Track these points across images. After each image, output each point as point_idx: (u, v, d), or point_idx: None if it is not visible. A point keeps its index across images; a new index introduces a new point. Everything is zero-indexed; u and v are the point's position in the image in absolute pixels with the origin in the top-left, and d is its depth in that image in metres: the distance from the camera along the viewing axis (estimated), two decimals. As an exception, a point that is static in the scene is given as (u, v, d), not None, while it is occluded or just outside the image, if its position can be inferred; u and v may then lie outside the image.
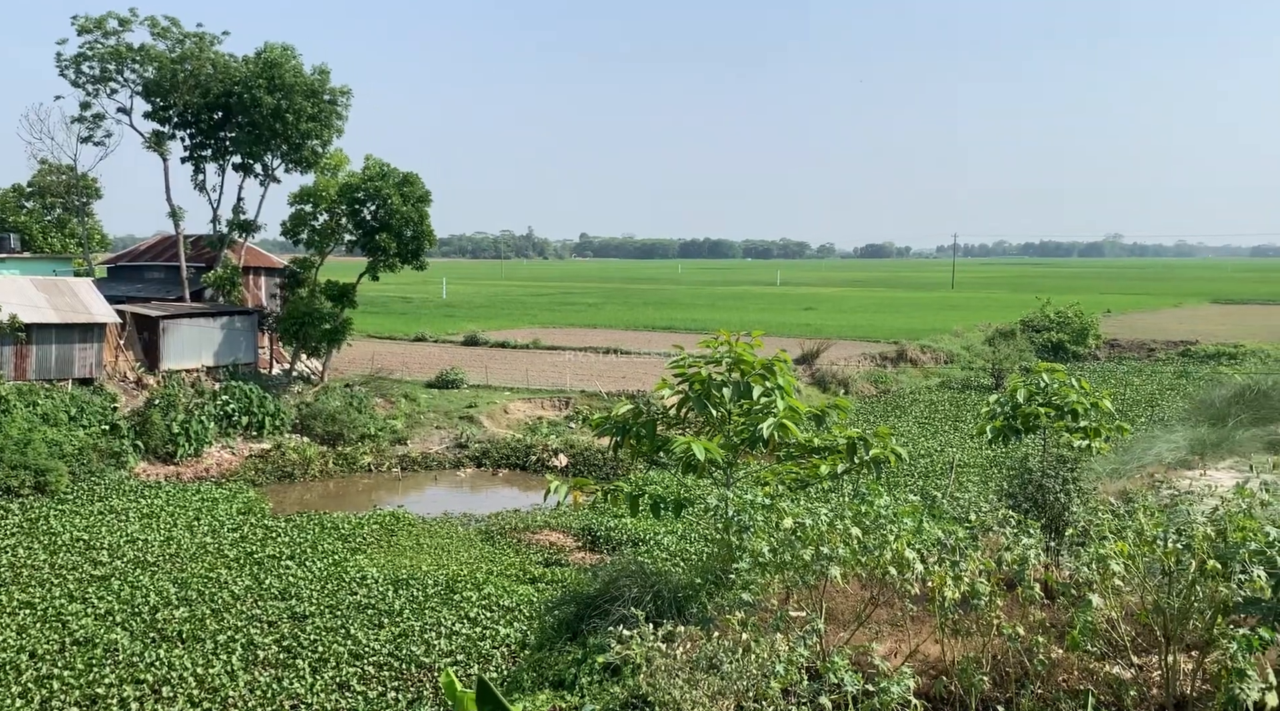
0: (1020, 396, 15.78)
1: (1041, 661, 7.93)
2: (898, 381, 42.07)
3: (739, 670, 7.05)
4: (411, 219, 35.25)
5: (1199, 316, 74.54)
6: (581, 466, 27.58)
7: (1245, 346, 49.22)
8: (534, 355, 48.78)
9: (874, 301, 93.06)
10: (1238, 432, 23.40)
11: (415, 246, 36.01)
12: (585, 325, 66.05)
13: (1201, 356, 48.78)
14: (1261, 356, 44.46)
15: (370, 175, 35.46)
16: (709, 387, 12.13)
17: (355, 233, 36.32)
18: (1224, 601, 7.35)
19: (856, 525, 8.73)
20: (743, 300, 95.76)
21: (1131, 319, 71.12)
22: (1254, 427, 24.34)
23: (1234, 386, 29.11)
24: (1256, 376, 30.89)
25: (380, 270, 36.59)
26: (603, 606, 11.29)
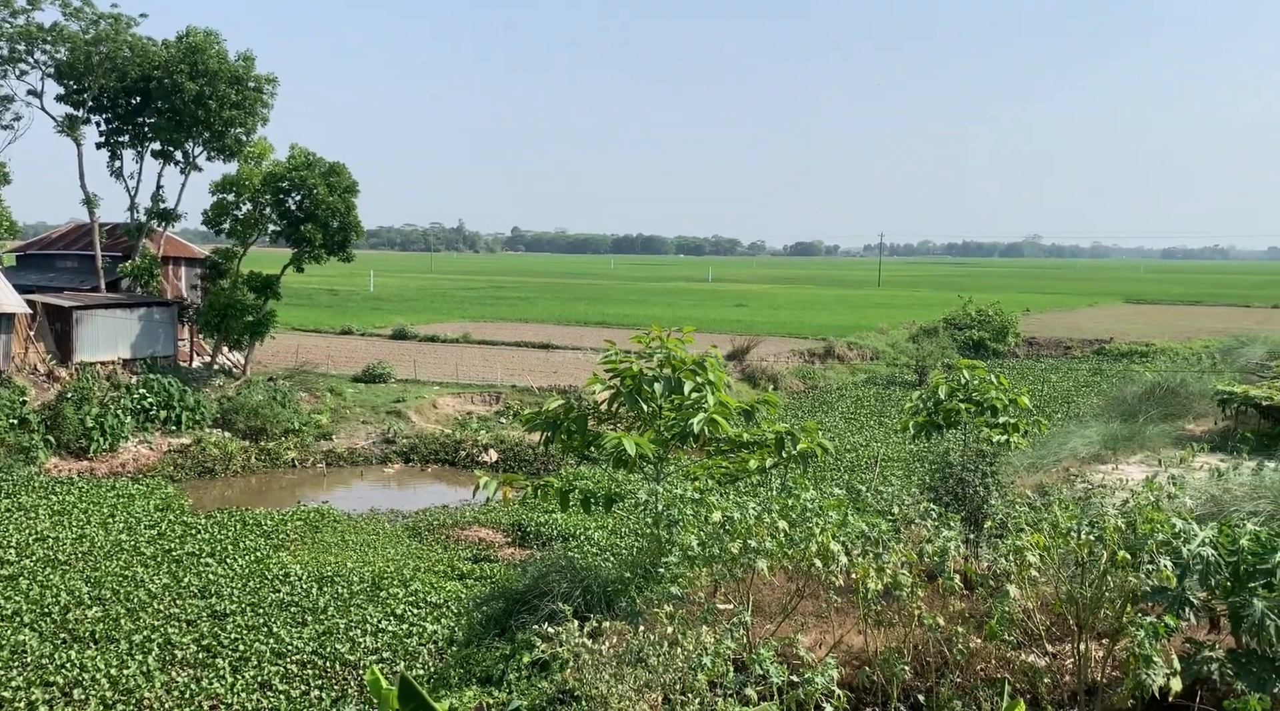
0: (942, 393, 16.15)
1: (961, 651, 8.15)
2: (825, 377, 42.71)
3: (665, 663, 7.09)
4: (338, 210, 34.59)
5: (1113, 316, 77.19)
6: (512, 462, 27.41)
7: (1156, 345, 51.10)
8: (464, 349, 48.32)
9: (803, 299, 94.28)
10: (1148, 428, 24.30)
11: (342, 238, 35.34)
12: (517, 319, 65.62)
13: (1115, 354, 50.50)
14: (1171, 355, 46.21)
15: (295, 164, 34.69)
16: (640, 383, 12.18)
17: (279, 223, 35.49)
18: (1133, 590, 7.64)
19: (783, 518, 8.86)
20: (675, 296, 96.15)
21: (1049, 317, 73.32)
22: (1163, 423, 25.31)
23: (1145, 384, 30.20)
24: (1166, 374, 32.09)
25: (305, 262, 35.81)
26: (532, 602, 11.25)
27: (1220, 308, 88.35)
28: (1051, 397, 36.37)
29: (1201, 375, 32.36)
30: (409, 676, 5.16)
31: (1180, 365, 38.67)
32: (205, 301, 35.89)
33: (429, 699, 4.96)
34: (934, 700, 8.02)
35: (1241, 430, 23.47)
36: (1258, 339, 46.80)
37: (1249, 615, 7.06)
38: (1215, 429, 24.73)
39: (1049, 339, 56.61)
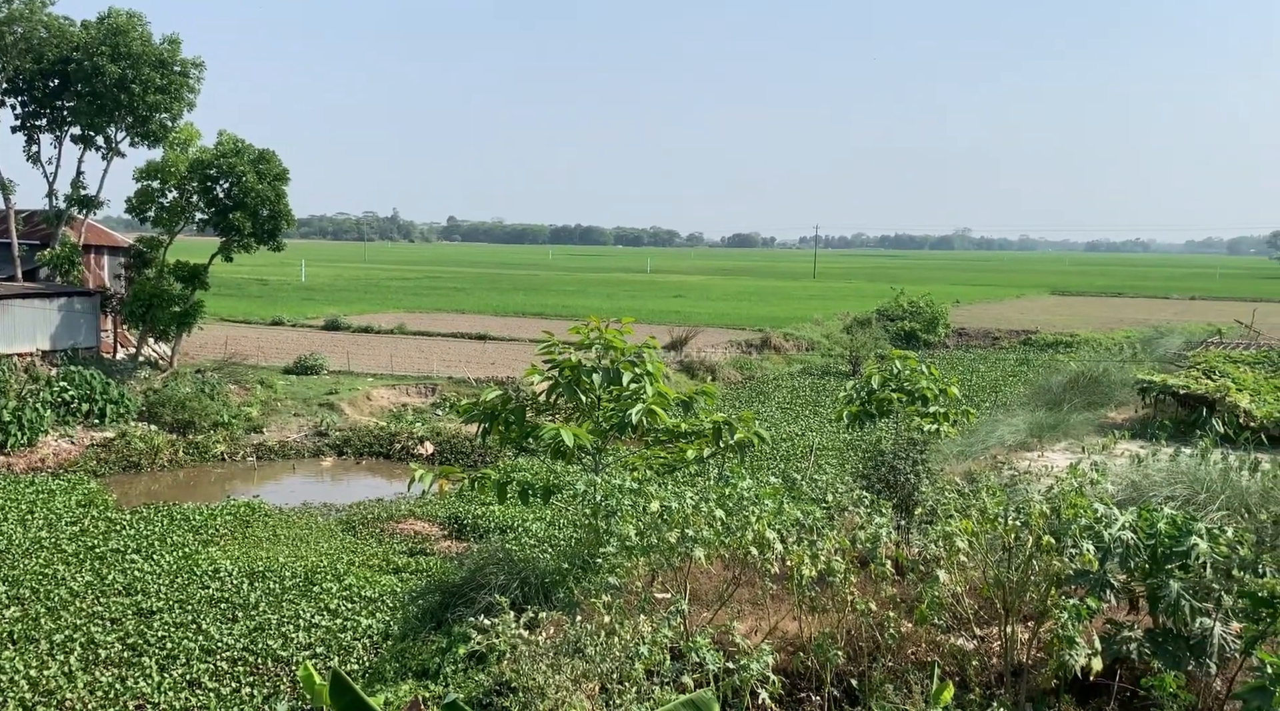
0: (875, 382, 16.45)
1: (892, 635, 8.31)
2: (762, 368, 43.12)
3: (603, 653, 7.11)
4: (268, 198, 33.81)
5: (1039, 307, 79.26)
6: (448, 454, 27.16)
7: (1080, 336, 52.60)
8: (399, 340, 47.69)
9: (740, 290, 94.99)
10: (1072, 416, 24.99)
11: (272, 226, 34.57)
12: (453, 310, 64.97)
13: (1041, 345, 51.86)
14: (1094, 345, 47.60)
15: (224, 151, 33.80)
16: (579, 374, 12.17)
17: (207, 211, 34.56)
18: (1057, 574, 7.87)
19: (720, 507, 8.94)
20: (613, 287, 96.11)
21: (978, 309, 75.01)
22: (1086, 411, 26.06)
23: (1069, 373, 31.02)
24: (1089, 364, 33.04)
25: (234, 251, 34.97)
26: (468, 594, 11.19)
27: (1141, 299, 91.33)
28: (980, 387, 37.22)
29: (1123, 365, 33.38)
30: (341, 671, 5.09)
31: (1103, 355, 39.84)
32: (130, 291, 34.81)
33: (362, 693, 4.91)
34: (866, 684, 8.18)
35: (1160, 418, 24.27)
36: (1175, 330, 48.48)
37: (1166, 596, 7.32)
38: (1136, 417, 25.54)
39: (978, 330, 57.93)
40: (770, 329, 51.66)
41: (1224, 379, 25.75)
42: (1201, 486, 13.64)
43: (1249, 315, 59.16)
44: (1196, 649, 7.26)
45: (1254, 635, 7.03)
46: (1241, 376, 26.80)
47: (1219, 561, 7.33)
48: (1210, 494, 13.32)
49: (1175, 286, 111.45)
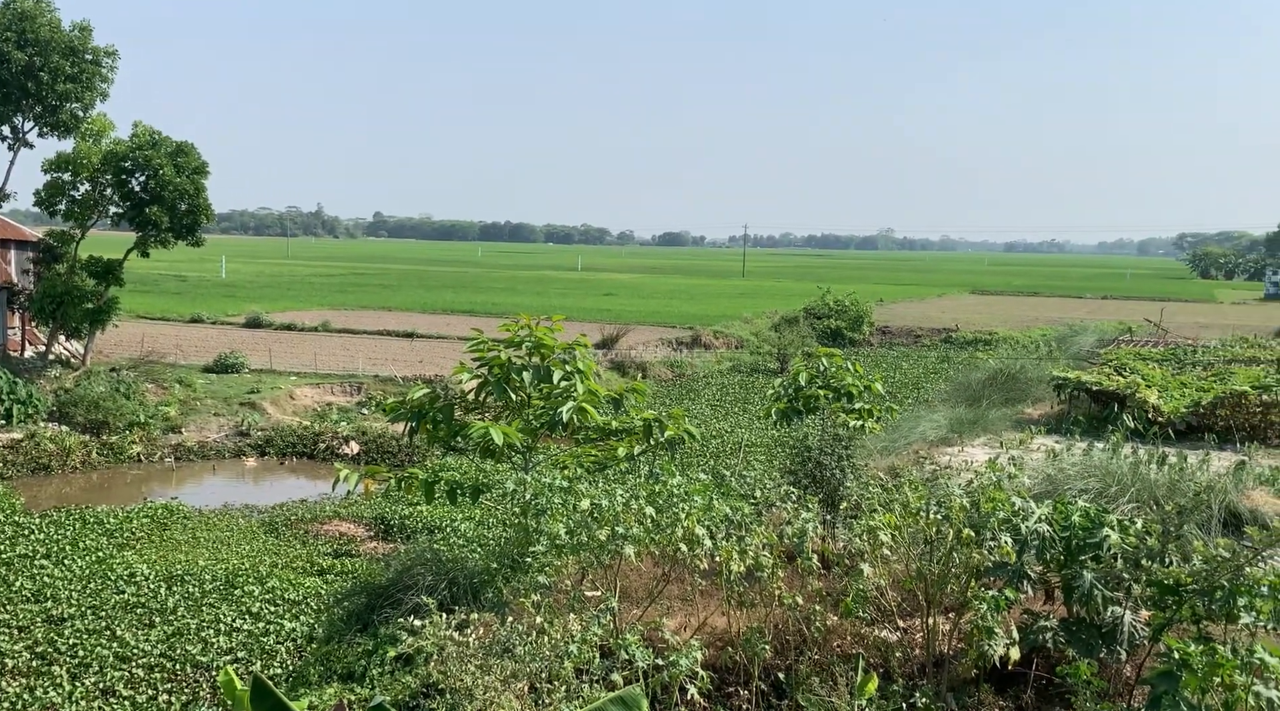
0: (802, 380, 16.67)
1: (818, 628, 8.45)
2: (692, 365, 43.38)
3: (532, 652, 7.08)
4: (186, 192, 32.80)
5: (959, 306, 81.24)
6: (374, 454, 26.73)
7: (998, 334, 54.05)
8: (323, 338, 46.76)
9: (671, 288, 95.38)
10: (991, 412, 25.69)
11: (190, 221, 33.54)
12: (379, 307, 63.95)
13: (961, 342, 53.17)
14: (1012, 343, 48.93)
15: (139, 143, 32.68)
16: (508, 372, 12.08)
17: (121, 205, 33.36)
18: (976, 566, 8.08)
19: (651, 504, 8.96)
20: (544, 285, 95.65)
21: (901, 307, 76.58)
22: (1004, 407, 26.82)
23: (988, 370, 31.88)
24: (1007, 361, 33.98)
25: (151, 246, 33.82)
26: (395, 596, 11.04)
27: (1056, 299, 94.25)
28: (903, 384, 37.99)
29: (1039, 362, 34.41)
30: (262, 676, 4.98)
31: (1020, 353, 41.00)
32: (39, 287, 33.44)
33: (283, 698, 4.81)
34: (793, 677, 8.29)
35: (1074, 413, 25.09)
36: (1089, 328, 50.17)
37: (1079, 586, 7.57)
38: (1051, 412, 26.35)
39: (901, 328, 59.13)
40: (700, 327, 52.01)
41: (1134, 375, 26.74)
42: (1113, 479, 14.17)
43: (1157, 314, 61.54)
44: (1108, 637, 7.53)
45: (1161, 622, 7.32)
46: (1150, 373, 27.87)
47: (1129, 552, 7.61)
48: (1121, 486, 13.85)
49: (1088, 286, 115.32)
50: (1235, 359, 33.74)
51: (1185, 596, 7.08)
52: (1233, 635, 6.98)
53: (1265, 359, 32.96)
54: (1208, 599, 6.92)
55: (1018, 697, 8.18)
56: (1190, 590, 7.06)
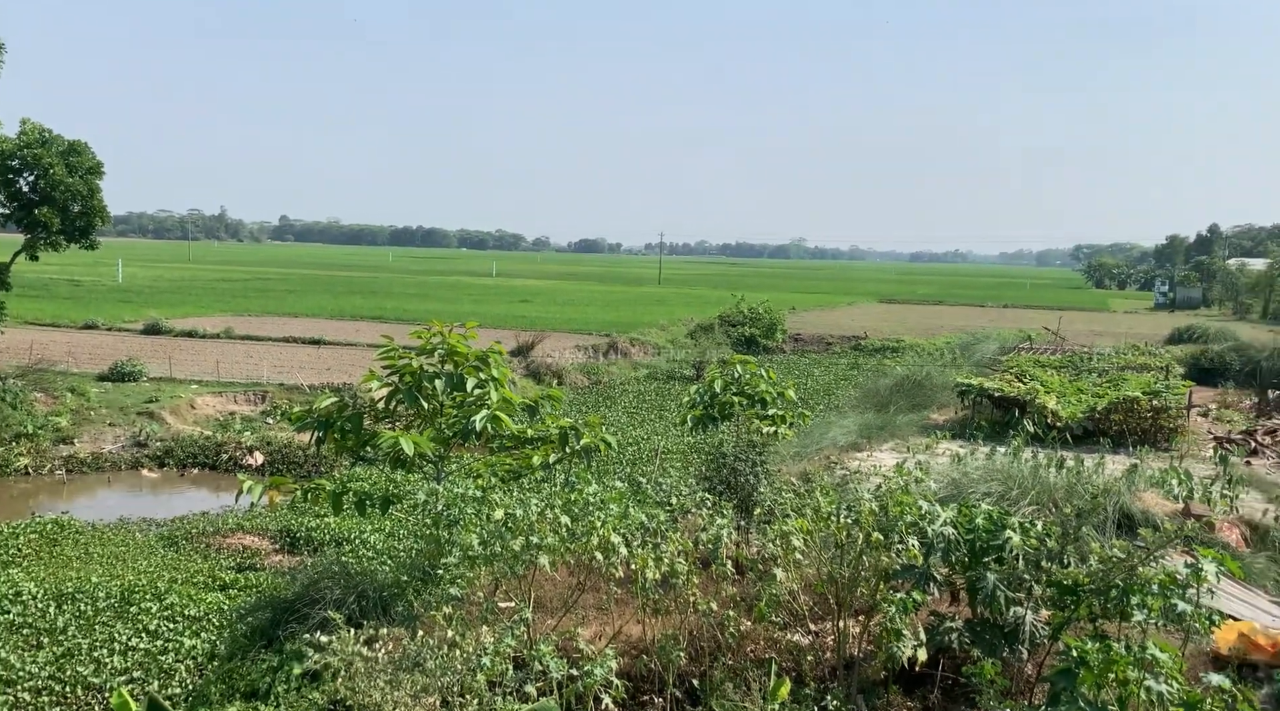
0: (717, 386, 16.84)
1: (732, 634, 8.49)
2: (609, 373, 43.37)
3: (444, 666, 6.95)
4: (79, 192, 31.44)
5: (868, 314, 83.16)
6: (280, 464, 25.97)
7: (905, 341, 55.48)
8: (226, 345, 45.32)
9: (587, 295, 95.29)
10: (898, 418, 26.28)
11: (84, 223, 32.16)
12: (285, 314, 62.31)
13: (870, 350, 54.38)
14: (918, 350, 50.27)
15: (28, 141, 31.20)
16: (420, 379, 11.86)
17: (9, 206, 31.81)
18: (885, 569, 8.23)
19: (566, 513, 8.89)
20: (457, 291, 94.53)
21: (812, 315, 78.01)
22: (911, 413, 27.47)
23: (895, 377, 32.65)
24: (913, 368, 34.85)
25: (41, 249, 32.32)
26: (302, 610, 10.71)
27: (960, 307, 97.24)
28: (815, 390, 38.65)
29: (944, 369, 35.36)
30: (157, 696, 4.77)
31: (926, 359, 42.11)
32: (-85, 291, 31.66)
33: (183, 722, 4.61)
34: (707, 683, 8.32)
35: (977, 419, 25.84)
36: (991, 335, 51.83)
37: (983, 587, 7.78)
38: (955, 418, 27.09)
39: (812, 335, 60.21)
40: (617, 334, 52.06)
41: (1033, 382, 27.70)
42: (1014, 482, 14.61)
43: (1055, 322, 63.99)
44: (1010, 636, 7.75)
45: (1060, 621, 7.57)
46: (1048, 379, 28.92)
47: (1030, 553, 7.84)
48: (1022, 489, 14.29)
49: (990, 295, 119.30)
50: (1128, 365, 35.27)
51: (1083, 596, 7.33)
52: (1126, 632, 7.25)
53: (1155, 366, 34.55)
54: (1103, 598, 7.18)
55: (925, 698, 8.36)
56: (1087, 590, 7.31)
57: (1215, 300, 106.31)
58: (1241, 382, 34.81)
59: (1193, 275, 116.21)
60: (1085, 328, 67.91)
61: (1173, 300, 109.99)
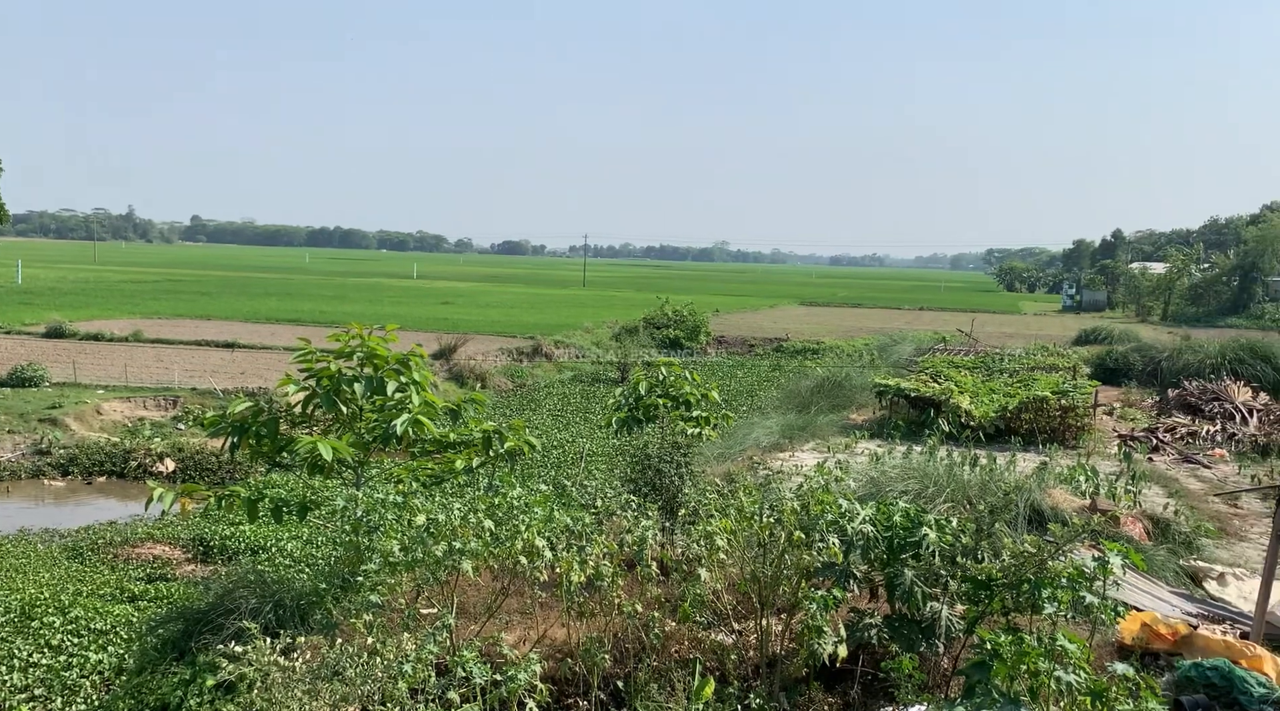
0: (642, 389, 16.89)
1: (657, 635, 8.52)
2: (533, 375, 43.12)
3: (364, 674, 6.82)
4: (-24, 188, 30.09)
5: (789, 316, 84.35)
6: (192, 471, 25.18)
7: (825, 343, 56.39)
8: (135, 349, 43.78)
9: (511, 297, 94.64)
10: (819, 418, 26.73)
11: (-19, 221, 30.79)
12: (198, 316, 60.48)
13: (791, 351, 55.14)
14: (838, 352, 51.16)
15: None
16: (339, 383, 11.61)
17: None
18: (807, 567, 8.35)
19: (489, 517, 8.80)
20: (377, 292, 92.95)
21: (735, 317, 78.81)
22: (832, 414, 27.97)
23: (816, 378, 33.20)
24: (833, 369, 35.48)
25: (-67, 247, 30.86)
26: (216, 621, 10.41)
27: (878, 310, 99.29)
28: (738, 392, 39.03)
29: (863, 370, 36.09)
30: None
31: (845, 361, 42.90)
32: None
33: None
34: (632, 685, 8.33)
35: (895, 418, 26.41)
36: (907, 337, 53.04)
37: (901, 583, 7.95)
38: (874, 418, 27.66)
39: (735, 337, 60.81)
40: (541, 336, 51.78)
41: (948, 382, 28.43)
42: (930, 481, 14.98)
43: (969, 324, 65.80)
44: (927, 631, 7.94)
45: (975, 615, 7.78)
46: (962, 379, 29.72)
47: (946, 549, 8.04)
48: (937, 487, 14.66)
49: (906, 298, 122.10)
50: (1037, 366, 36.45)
51: (996, 590, 7.55)
52: (1038, 624, 7.48)
53: (1063, 366, 35.78)
54: (1016, 592, 7.40)
55: (845, 694, 8.50)
56: (1000, 584, 7.53)
57: (1119, 302, 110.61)
58: (1144, 382, 36.26)
59: (1098, 278, 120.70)
60: (997, 329, 69.97)
61: (1079, 302, 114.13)
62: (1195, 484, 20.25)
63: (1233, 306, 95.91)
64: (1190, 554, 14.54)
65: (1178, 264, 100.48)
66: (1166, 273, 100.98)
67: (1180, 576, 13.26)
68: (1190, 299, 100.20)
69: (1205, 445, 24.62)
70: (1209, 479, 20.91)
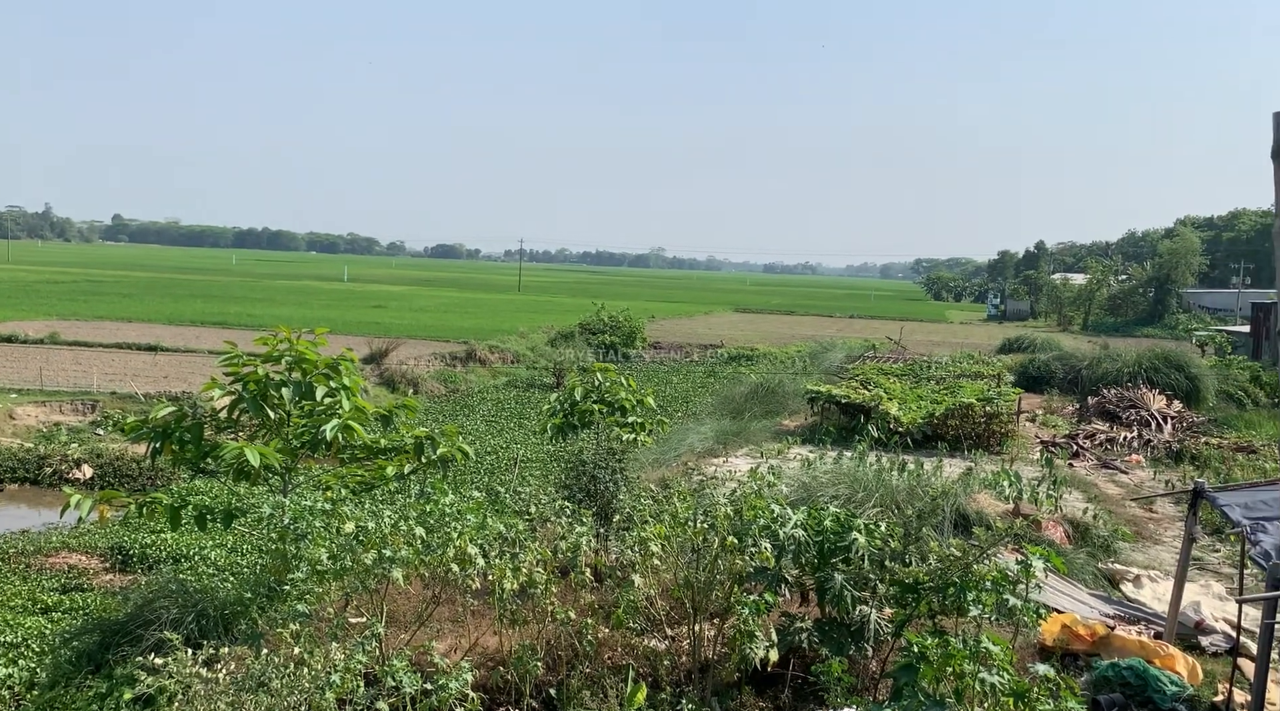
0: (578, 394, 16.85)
1: (590, 641, 8.50)
2: (467, 381, 42.72)
3: (290, 685, 6.67)
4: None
5: (724, 323, 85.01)
6: (111, 478, 24.36)
7: (759, 350, 56.92)
8: (51, 351, 42.27)
9: (445, 301, 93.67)
10: (753, 424, 27.00)
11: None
12: (119, 318, 58.65)
13: (726, 358, 55.55)
14: (771, 359, 51.66)
15: None
16: (266, 388, 11.36)
17: None
18: (739, 572, 8.42)
19: (421, 525, 8.69)
20: (306, 295, 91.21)
21: (671, 324, 79.14)
22: (765, 419, 28.26)
23: (750, 384, 33.50)
24: (767, 376, 35.82)
25: None
26: (135, 632, 10.09)
27: (810, 317, 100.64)
28: (673, 398, 39.18)
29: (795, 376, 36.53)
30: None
31: (778, 367, 43.37)
32: None
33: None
34: (564, 692, 8.30)
35: (826, 424, 26.79)
36: (838, 344, 53.89)
37: (831, 587, 8.06)
38: (806, 424, 28.01)
39: (671, 343, 61.07)
40: (475, 341, 51.32)
41: (878, 389, 28.94)
42: (860, 485, 15.23)
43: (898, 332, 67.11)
44: (857, 634, 8.06)
45: (902, 618, 7.92)
46: (891, 386, 30.30)
47: (875, 553, 8.18)
48: (867, 492, 14.90)
49: (838, 306, 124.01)
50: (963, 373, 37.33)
51: (923, 593, 7.70)
52: (963, 627, 7.65)
53: (988, 374, 36.70)
54: (942, 595, 7.56)
55: (776, 698, 8.58)
56: (927, 587, 7.68)
57: (1042, 312, 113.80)
58: (1065, 389, 37.35)
59: (1021, 289, 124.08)
60: (925, 337, 71.45)
61: (1004, 312, 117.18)
62: (1113, 489, 20.92)
63: (1149, 317, 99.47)
64: (1108, 557, 15.02)
65: (1097, 275, 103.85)
66: (1086, 283, 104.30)
67: (1099, 578, 13.69)
68: (1109, 309, 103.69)
69: (1123, 451, 25.46)
70: (1126, 484, 21.63)
